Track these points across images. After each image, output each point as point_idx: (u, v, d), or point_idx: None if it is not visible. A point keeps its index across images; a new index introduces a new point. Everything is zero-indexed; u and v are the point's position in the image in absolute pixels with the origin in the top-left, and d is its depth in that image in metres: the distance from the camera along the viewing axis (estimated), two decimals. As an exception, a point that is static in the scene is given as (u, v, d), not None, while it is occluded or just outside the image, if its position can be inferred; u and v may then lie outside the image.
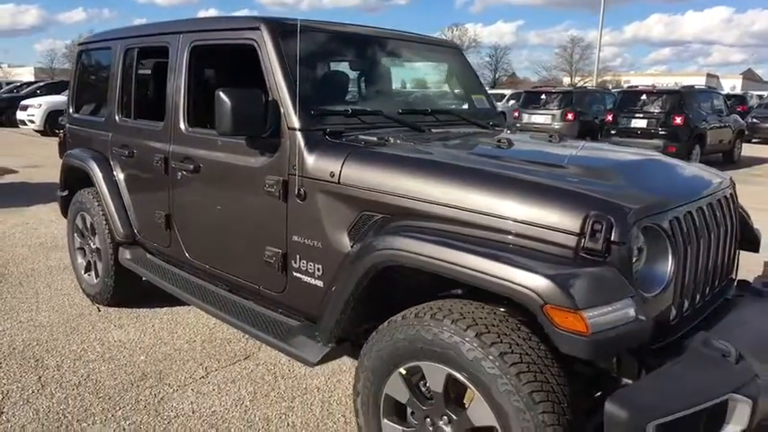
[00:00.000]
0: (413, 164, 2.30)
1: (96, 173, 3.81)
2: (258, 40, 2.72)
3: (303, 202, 2.52)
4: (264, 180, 2.64)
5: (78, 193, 4.12)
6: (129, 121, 3.70)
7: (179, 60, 3.21)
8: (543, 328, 1.75)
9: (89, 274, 4.15)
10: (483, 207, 2.00)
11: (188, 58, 3.16)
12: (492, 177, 2.10)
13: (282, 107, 2.59)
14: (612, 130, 12.77)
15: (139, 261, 3.68)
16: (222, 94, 2.48)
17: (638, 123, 12.55)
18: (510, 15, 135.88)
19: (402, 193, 2.20)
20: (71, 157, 4.16)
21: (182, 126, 3.18)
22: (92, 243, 4.06)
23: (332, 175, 2.41)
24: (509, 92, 25.60)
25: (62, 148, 4.50)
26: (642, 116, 12.58)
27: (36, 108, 16.51)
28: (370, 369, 2.14)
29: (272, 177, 2.61)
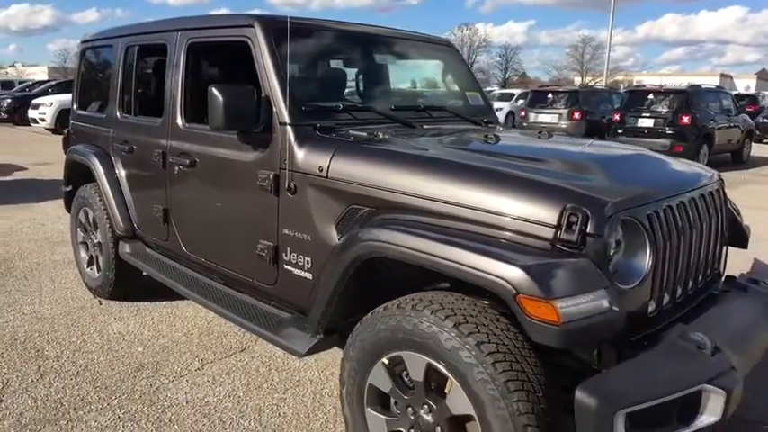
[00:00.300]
0: (398, 158, 2.34)
1: (98, 168, 3.88)
2: (251, 37, 2.76)
3: (293, 196, 2.56)
4: (257, 174, 2.68)
5: (81, 188, 4.19)
6: (130, 117, 3.77)
7: (176, 57, 3.26)
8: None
9: (91, 268, 4.23)
10: (465, 200, 2.04)
11: (185, 55, 3.22)
12: (474, 171, 2.14)
13: (274, 103, 2.64)
14: (619, 130, 12.70)
15: (139, 255, 3.75)
16: (215, 89, 2.52)
17: (645, 123, 12.48)
18: (521, 15, 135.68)
19: (387, 186, 2.24)
20: (74, 152, 4.24)
21: (179, 122, 3.24)
22: (94, 237, 4.13)
23: (320, 169, 2.45)
24: (518, 91, 25.54)
25: (66, 144, 4.58)
26: (649, 115, 12.52)
27: (47, 107, 16.74)
28: (354, 359, 2.18)
29: (264, 172, 2.66)
